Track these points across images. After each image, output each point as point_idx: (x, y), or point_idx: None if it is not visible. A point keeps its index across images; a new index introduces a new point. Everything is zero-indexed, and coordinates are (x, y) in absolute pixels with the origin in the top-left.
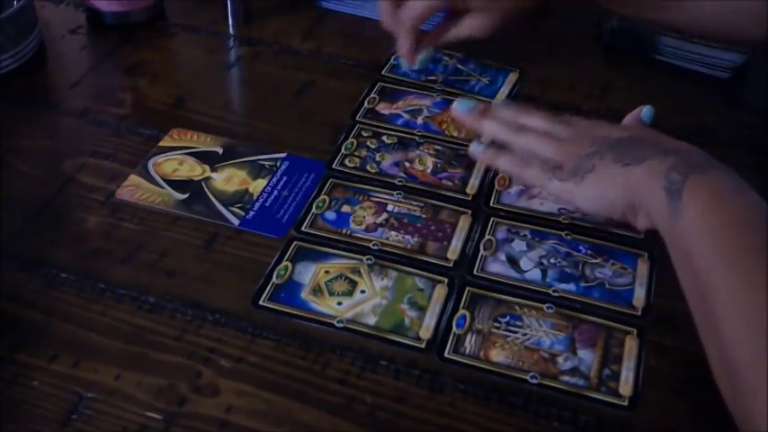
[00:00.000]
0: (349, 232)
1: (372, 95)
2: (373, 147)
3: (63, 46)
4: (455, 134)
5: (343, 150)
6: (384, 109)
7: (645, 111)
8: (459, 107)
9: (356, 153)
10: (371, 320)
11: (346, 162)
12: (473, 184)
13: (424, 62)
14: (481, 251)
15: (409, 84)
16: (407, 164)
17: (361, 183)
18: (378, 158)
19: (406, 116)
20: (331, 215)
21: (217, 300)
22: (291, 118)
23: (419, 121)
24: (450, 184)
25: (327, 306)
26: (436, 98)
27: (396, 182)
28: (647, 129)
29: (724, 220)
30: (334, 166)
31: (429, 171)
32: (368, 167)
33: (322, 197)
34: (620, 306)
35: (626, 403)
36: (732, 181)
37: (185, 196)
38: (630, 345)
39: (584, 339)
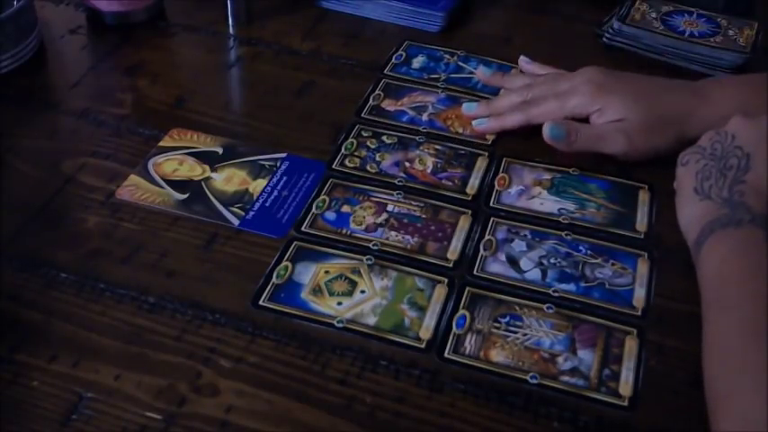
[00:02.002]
0: (349, 232)
1: (378, 92)
2: (373, 147)
3: (63, 46)
4: (460, 131)
5: (343, 150)
6: (389, 106)
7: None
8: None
9: (356, 153)
10: (371, 320)
11: (346, 162)
12: (473, 184)
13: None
14: (481, 251)
15: (413, 81)
16: (407, 164)
17: (361, 183)
18: (378, 158)
19: (411, 113)
20: (331, 215)
21: (217, 300)
22: (291, 118)
23: (424, 117)
24: (450, 184)
25: (327, 306)
26: (440, 95)
27: (396, 182)
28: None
29: (734, 272)
30: (334, 167)
31: (429, 171)
32: (368, 167)
33: (322, 197)
34: (620, 306)
35: (626, 403)
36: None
37: (185, 196)
38: (630, 345)
39: (584, 339)
